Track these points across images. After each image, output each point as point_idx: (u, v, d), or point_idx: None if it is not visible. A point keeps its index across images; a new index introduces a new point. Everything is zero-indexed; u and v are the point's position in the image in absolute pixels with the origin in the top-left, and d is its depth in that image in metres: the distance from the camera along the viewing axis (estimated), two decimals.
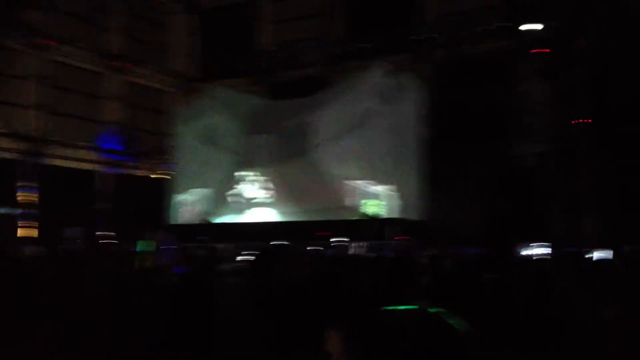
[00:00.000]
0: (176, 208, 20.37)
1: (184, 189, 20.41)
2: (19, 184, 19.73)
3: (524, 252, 11.27)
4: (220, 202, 19.66)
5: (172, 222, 19.82)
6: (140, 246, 9.15)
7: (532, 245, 10.35)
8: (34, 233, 18.64)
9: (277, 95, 21.65)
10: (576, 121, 14.44)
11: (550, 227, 15.22)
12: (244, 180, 19.38)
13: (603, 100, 14.71)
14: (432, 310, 3.93)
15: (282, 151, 18.99)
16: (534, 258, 10.11)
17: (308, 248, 12.91)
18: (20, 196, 19.64)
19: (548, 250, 9.10)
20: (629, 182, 13.98)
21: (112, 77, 22.92)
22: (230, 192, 19.53)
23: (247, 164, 19.37)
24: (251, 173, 19.30)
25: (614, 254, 9.24)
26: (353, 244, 14.59)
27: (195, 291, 5.24)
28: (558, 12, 15.21)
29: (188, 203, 20.30)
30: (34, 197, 19.58)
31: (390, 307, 3.98)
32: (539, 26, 16.02)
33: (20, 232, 18.95)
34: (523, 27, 15.92)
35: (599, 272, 7.59)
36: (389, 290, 6.65)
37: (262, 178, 19.15)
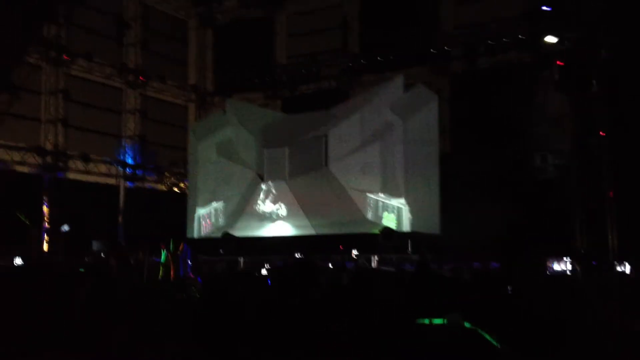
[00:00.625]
0: (195, 221, 20.43)
1: (203, 203, 20.48)
2: (44, 198, 19.98)
3: (552, 266, 11.19)
4: (238, 215, 19.68)
5: (191, 235, 19.87)
6: (163, 258, 9.19)
7: (558, 260, 10.27)
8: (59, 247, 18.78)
9: (293, 109, 21.73)
10: (596, 133, 14.36)
11: (572, 240, 15.12)
12: (261, 194, 19.41)
13: (622, 113, 14.64)
14: (468, 325, 3.91)
15: (299, 164, 19.00)
16: (562, 272, 10.02)
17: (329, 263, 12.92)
18: (45, 211, 19.88)
19: (570, 266, 9.01)
20: None
21: (130, 92, 23.15)
22: (248, 205, 19.56)
23: (264, 177, 19.39)
24: (268, 187, 19.32)
25: (632, 268, 9.16)
26: (374, 257, 14.57)
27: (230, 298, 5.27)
28: (577, 24, 15.17)
29: (207, 216, 20.36)
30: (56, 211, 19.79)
31: (424, 321, 3.96)
32: (557, 38, 15.99)
33: (46, 247, 19.13)
34: (543, 39, 15.87)
35: (625, 286, 7.53)
36: (412, 303, 6.63)
37: (279, 191, 19.16)
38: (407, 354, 3.57)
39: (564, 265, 8.63)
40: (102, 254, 15.21)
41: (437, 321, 3.81)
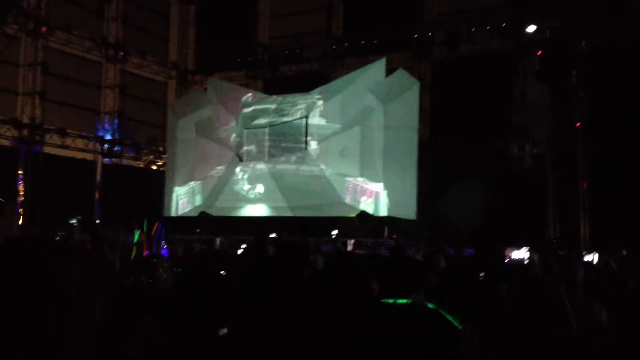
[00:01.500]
0: (172, 200, 20.36)
1: (181, 182, 20.40)
2: (19, 172, 19.76)
3: (515, 255, 11.32)
4: (216, 195, 19.65)
5: (168, 214, 19.80)
6: (136, 237, 9.10)
7: (517, 249, 10.40)
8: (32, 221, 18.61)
9: (274, 90, 21.64)
10: (573, 123, 14.50)
11: (545, 229, 15.30)
12: (239, 174, 19.38)
13: (600, 104, 14.77)
14: (430, 305, 3.96)
15: (278, 146, 18.98)
16: (519, 261, 10.16)
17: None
18: (21, 185, 19.67)
19: (527, 254, 9.13)
20: (623, 186, 14.04)
21: (109, 67, 22.88)
22: (226, 185, 19.53)
23: (243, 158, 19.35)
24: (247, 167, 19.30)
25: (599, 258, 9.29)
26: (350, 241, 14.62)
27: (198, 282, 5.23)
28: (558, 13, 15.23)
29: (184, 195, 20.30)
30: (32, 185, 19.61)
31: (388, 300, 4.00)
32: (538, 27, 16.04)
33: (21, 220, 18.95)
34: (524, 28, 15.92)
35: (591, 276, 7.64)
36: (385, 287, 6.68)
37: (258, 172, 19.15)
38: (369, 332, 3.61)
39: (521, 254, 8.79)
40: (75, 230, 15.06)
41: (402, 301, 3.85)
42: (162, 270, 4.61)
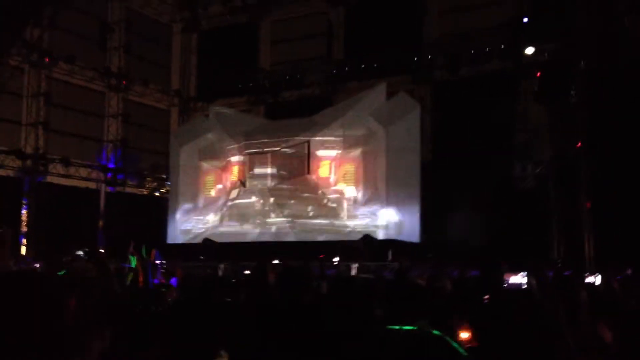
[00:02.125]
0: (176, 226, 20.35)
1: (184, 208, 20.41)
2: (23, 202, 19.83)
3: (513, 280, 11.23)
4: (219, 221, 19.64)
5: (172, 241, 19.79)
6: (133, 263, 9.10)
7: (514, 274, 10.32)
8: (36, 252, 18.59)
9: (276, 115, 21.75)
10: (575, 143, 14.51)
11: (549, 250, 15.24)
12: (243, 200, 19.38)
13: (600, 123, 14.78)
14: (435, 332, 3.94)
15: (282, 171, 19.02)
16: (517, 286, 10.05)
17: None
18: (24, 214, 19.73)
19: (526, 279, 9.03)
20: (627, 205, 13.99)
21: (112, 95, 23.06)
22: (229, 211, 19.53)
23: (246, 183, 19.38)
24: (250, 192, 19.31)
25: (602, 278, 9.21)
26: (354, 265, 14.58)
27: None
28: (558, 34, 15.31)
29: (187, 222, 20.29)
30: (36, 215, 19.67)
31: (394, 327, 3.97)
32: (536, 48, 16.13)
33: (24, 251, 18.95)
34: (523, 49, 16.02)
35: (594, 296, 7.57)
36: (390, 312, 6.64)
37: (261, 197, 19.15)
38: (373, 358, 3.58)
39: (519, 279, 8.67)
40: (82, 259, 15.08)
41: (407, 328, 3.82)
42: (171, 300, 4.61)
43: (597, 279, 9.22)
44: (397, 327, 3.90)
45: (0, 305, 1.88)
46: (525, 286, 8.26)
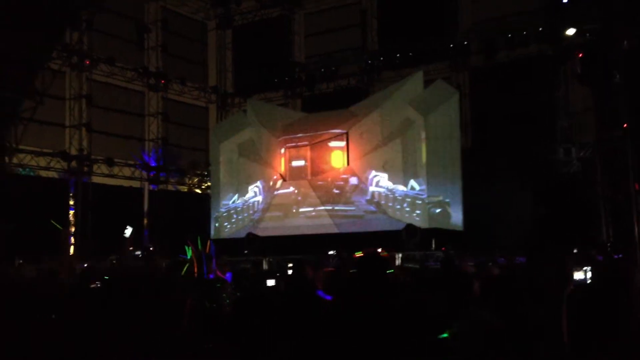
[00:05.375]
0: (218, 222, 20.59)
1: (226, 203, 20.63)
2: (70, 203, 20.27)
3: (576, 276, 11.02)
4: (261, 215, 19.80)
5: (216, 236, 20.04)
6: (189, 254, 9.25)
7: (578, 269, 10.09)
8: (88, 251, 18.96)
9: (313, 107, 21.80)
10: (620, 125, 14.22)
11: (598, 234, 15.02)
12: (284, 193, 19.51)
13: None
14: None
15: (321, 163, 19.07)
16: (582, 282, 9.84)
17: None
18: (72, 215, 20.17)
19: (590, 274, 8.73)
20: None
21: (151, 95, 23.41)
22: (271, 205, 19.67)
23: (286, 176, 19.49)
24: (291, 186, 19.42)
25: None
26: (398, 255, 14.56)
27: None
28: (596, 14, 15.04)
29: (230, 217, 20.51)
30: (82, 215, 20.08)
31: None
32: (576, 30, 15.86)
33: (73, 251, 19.35)
34: (563, 31, 15.77)
35: None
36: (437, 302, 6.63)
37: (301, 190, 19.24)
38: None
39: (582, 275, 8.35)
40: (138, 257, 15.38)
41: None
42: (225, 295, 4.70)
43: None
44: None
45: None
46: (590, 282, 8.06)
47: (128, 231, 14.62)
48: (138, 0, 23.17)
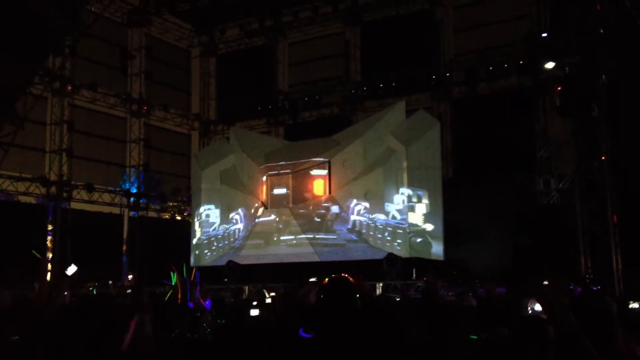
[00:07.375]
0: (199, 249, 20.44)
1: (207, 231, 20.50)
2: (49, 228, 20.03)
3: (533, 307, 11.04)
4: (242, 243, 19.69)
5: (196, 263, 19.87)
6: (174, 280, 9.15)
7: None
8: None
9: (295, 136, 21.86)
10: (598, 157, 14.39)
11: (577, 265, 15.07)
12: (265, 221, 19.44)
13: (623, 136, 14.67)
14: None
15: (303, 191, 19.06)
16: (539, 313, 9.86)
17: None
18: (50, 241, 19.92)
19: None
20: None
21: (134, 121, 23.35)
22: (252, 233, 19.58)
23: (268, 204, 19.45)
24: (272, 214, 19.37)
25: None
26: (379, 284, 14.54)
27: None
28: (576, 49, 15.30)
29: (210, 244, 20.37)
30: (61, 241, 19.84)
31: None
32: (555, 63, 16.09)
33: (50, 278, 19.04)
34: (542, 64, 16.00)
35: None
36: (421, 331, 6.60)
37: (283, 218, 19.19)
38: None
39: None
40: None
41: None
42: (206, 324, 4.64)
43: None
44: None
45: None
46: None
47: (71, 269, 14.28)
48: (122, 27, 23.18)
